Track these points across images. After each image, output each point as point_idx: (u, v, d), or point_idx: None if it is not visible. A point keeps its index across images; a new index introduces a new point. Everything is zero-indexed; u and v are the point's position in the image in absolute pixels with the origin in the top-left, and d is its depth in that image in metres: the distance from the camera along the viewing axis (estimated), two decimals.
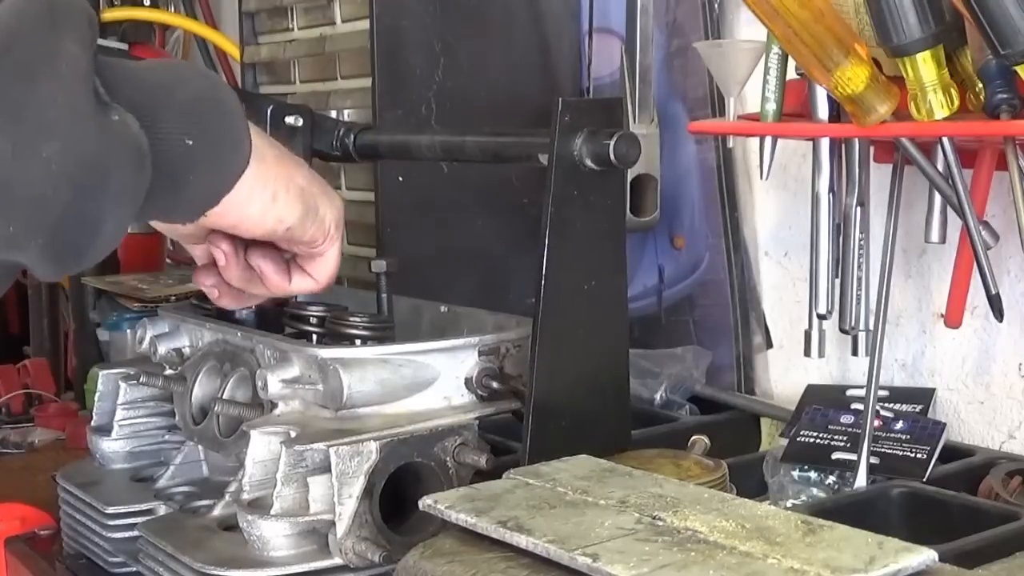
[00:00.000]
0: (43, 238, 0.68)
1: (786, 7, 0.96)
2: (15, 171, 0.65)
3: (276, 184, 0.86)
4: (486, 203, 1.50)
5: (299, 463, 0.96)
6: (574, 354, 1.03)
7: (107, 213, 0.70)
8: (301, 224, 0.89)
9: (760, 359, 1.46)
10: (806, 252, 1.14)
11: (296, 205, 0.88)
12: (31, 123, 0.65)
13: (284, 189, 0.86)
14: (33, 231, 0.67)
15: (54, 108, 0.66)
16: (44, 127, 0.66)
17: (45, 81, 0.66)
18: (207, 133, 0.78)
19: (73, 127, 0.67)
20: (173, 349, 1.20)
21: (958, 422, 1.26)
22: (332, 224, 0.93)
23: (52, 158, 0.66)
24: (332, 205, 0.93)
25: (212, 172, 0.80)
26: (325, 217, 0.92)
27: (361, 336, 1.06)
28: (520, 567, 0.76)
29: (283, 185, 0.86)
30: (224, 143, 0.80)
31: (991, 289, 1.03)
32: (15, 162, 0.65)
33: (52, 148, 0.66)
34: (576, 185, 1.02)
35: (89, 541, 1.16)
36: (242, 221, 0.85)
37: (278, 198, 0.86)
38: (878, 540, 0.72)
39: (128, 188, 0.71)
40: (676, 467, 0.99)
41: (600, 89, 1.55)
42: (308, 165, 0.94)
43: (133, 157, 0.71)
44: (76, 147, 0.67)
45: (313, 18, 1.60)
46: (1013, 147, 0.96)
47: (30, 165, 0.65)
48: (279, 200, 0.86)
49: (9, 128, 0.64)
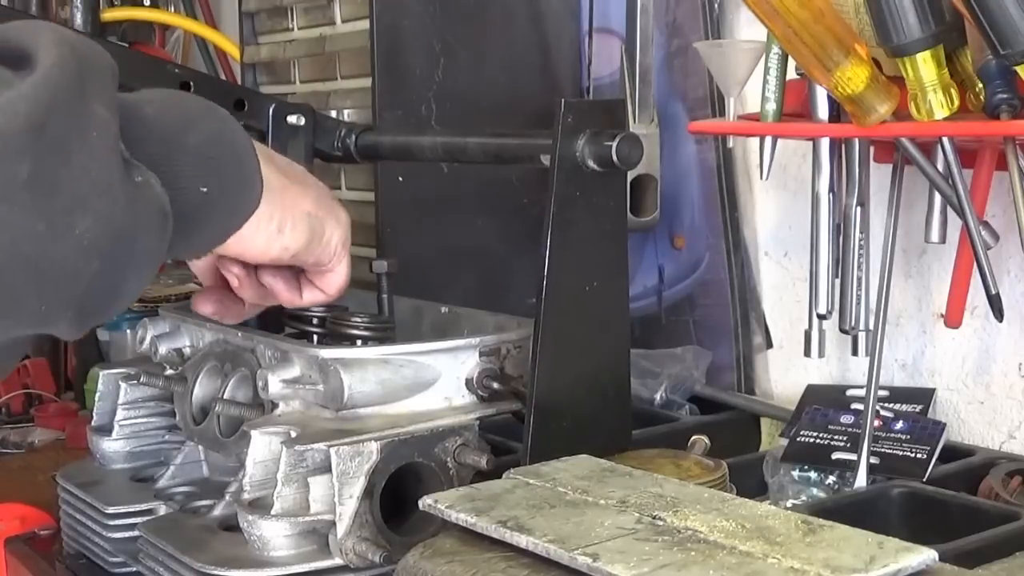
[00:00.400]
0: (72, 311, 0.68)
1: (786, 7, 0.96)
2: (50, 250, 0.64)
3: (283, 216, 0.86)
4: (486, 203, 1.50)
5: (300, 463, 0.96)
6: (575, 355, 1.03)
7: (131, 276, 0.71)
8: (306, 250, 0.90)
9: (760, 359, 1.46)
10: (806, 252, 1.14)
11: (301, 234, 0.89)
12: (64, 199, 0.64)
13: (290, 220, 0.87)
14: (64, 306, 0.67)
15: (87, 182, 0.66)
16: (77, 202, 0.65)
17: (77, 154, 0.65)
18: (221, 178, 0.78)
19: (104, 200, 0.67)
20: (174, 349, 1.20)
21: (958, 422, 1.26)
22: (339, 244, 0.94)
23: (84, 234, 0.65)
24: (339, 225, 0.93)
25: (225, 215, 0.81)
26: (331, 239, 0.93)
27: (362, 336, 1.06)
28: (520, 567, 0.76)
29: (289, 215, 0.87)
30: (237, 186, 0.81)
31: (991, 289, 1.03)
32: (50, 242, 0.64)
33: (84, 223, 0.65)
34: (578, 186, 1.02)
35: (89, 541, 1.16)
36: (246, 251, 0.86)
37: (284, 230, 0.87)
38: (878, 540, 0.72)
39: (153, 251, 0.72)
40: (676, 467, 0.99)
41: (600, 89, 1.55)
42: (314, 177, 0.94)
43: (158, 221, 0.72)
44: (107, 219, 0.67)
45: (313, 18, 1.60)
46: (1013, 147, 0.96)
47: (64, 243, 0.65)
48: (284, 231, 0.87)
49: (44, 206, 0.64)
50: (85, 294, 0.68)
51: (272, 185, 0.84)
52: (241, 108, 1.23)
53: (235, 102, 1.23)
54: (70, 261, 0.65)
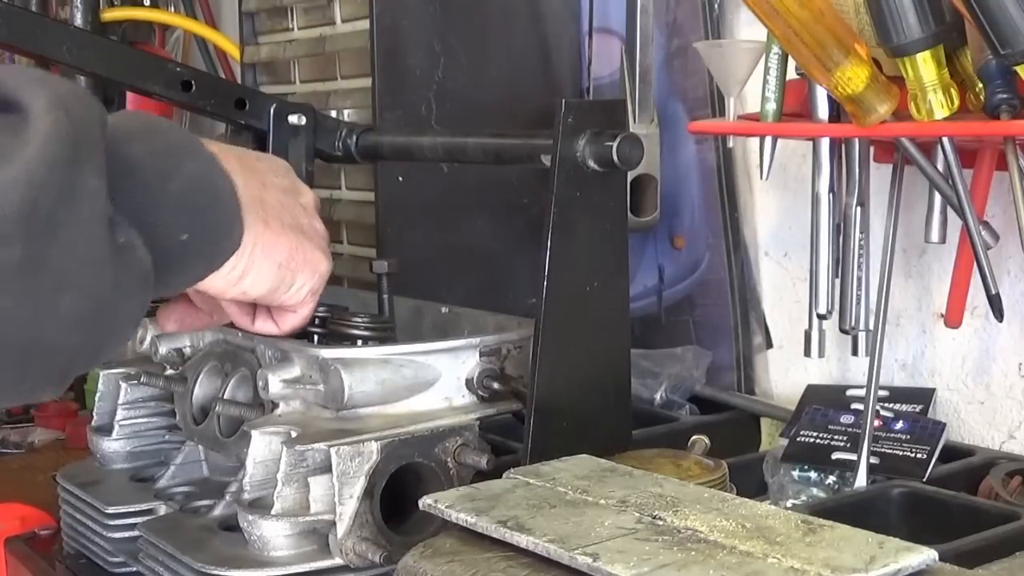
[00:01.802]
0: (54, 383, 0.68)
1: (786, 7, 0.96)
2: (36, 332, 0.64)
3: (248, 265, 0.85)
4: (486, 203, 1.50)
5: (300, 463, 0.96)
6: (576, 355, 1.03)
7: (112, 341, 0.71)
8: (268, 296, 0.89)
9: (760, 359, 1.46)
10: (806, 252, 1.14)
11: (264, 284, 0.87)
12: (51, 279, 0.64)
13: (255, 270, 0.86)
14: (46, 380, 0.68)
15: (74, 258, 0.65)
16: (63, 280, 0.65)
17: (66, 229, 0.64)
18: (202, 226, 0.78)
19: (89, 273, 0.66)
20: (174, 349, 1.20)
21: (958, 422, 1.26)
22: (308, 293, 0.93)
23: (68, 310, 0.65)
24: (312, 276, 0.92)
25: (202, 262, 0.80)
26: (300, 290, 0.92)
27: (362, 336, 1.06)
28: (520, 566, 0.76)
29: (255, 266, 0.85)
30: (216, 234, 0.80)
31: (991, 289, 1.03)
32: (36, 324, 0.64)
33: (69, 299, 0.65)
34: (579, 186, 1.02)
35: (89, 541, 1.16)
36: (206, 288, 0.85)
37: (246, 277, 0.85)
38: (878, 540, 0.72)
39: (134, 316, 0.72)
40: (676, 467, 0.99)
41: (600, 89, 1.55)
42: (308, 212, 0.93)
43: (140, 286, 0.71)
44: (90, 293, 0.66)
45: (313, 18, 1.60)
46: (1013, 147, 0.96)
47: (48, 322, 0.64)
48: (246, 279, 0.85)
49: (32, 288, 0.63)
50: (66, 365, 0.68)
51: (253, 226, 0.83)
52: (242, 107, 1.23)
53: (236, 101, 1.23)
54: (53, 338, 0.65)
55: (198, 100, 1.20)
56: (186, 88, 1.18)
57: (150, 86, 1.17)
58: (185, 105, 1.22)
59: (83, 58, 1.13)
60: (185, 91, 1.18)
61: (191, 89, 1.18)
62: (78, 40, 1.13)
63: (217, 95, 1.22)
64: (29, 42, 1.11)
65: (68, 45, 1.12)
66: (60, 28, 1.14)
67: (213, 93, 1.22)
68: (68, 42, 1.12)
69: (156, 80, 1.17)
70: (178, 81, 1.18)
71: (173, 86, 1.18)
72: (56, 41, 1.11)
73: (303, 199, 0.94)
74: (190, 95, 1.19)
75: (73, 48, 1.12)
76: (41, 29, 1.11)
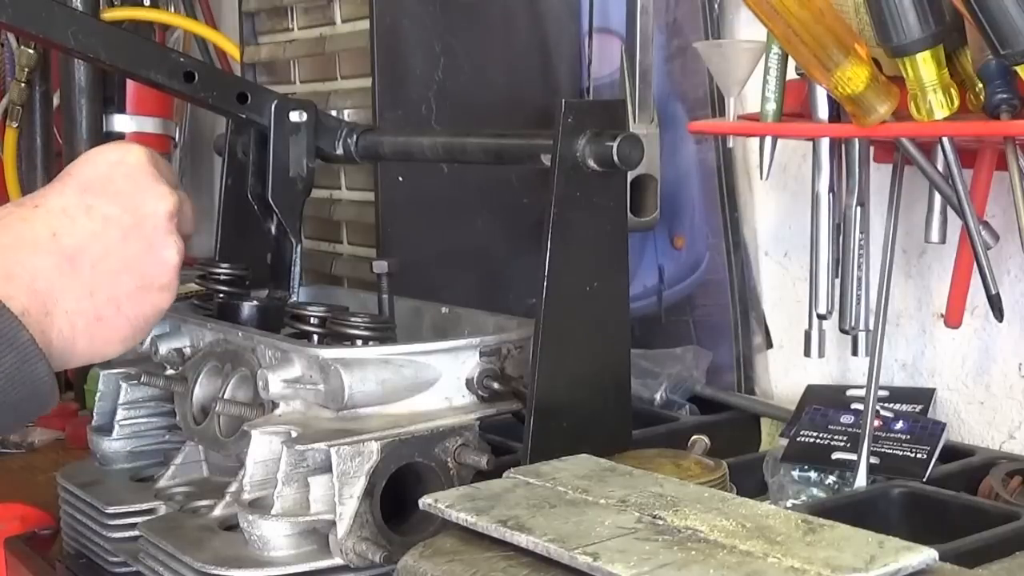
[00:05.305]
0: None
1: (786, 7, 0.96)
2: None
3: (102, 350, 0.89)
4: (486, 203, 1.50)
5: (300, 463, 0.96)
6: (576, 355, 1.03)
7: None
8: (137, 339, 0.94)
9: (760, 359, 1.46)
10: (806, 252, 1.14)
11: (125, 343, 0.91)
12: None
13: (111, 347, 0.90)
14: None
15: None
16: None
17: None
18: (17, 414, 0.81)
19: None
20: (174, 349, 1.20)
21: (958, 422, 1.26)
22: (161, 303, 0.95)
23: None
24: (158, 312, 0.94)
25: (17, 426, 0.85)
26: (158, 309, 0.94)
27: (362, 336, 1.06)
28: (520, 566, 0.76)
29: (106, 347, 0.90)
30: (30, 413, 0.83)
31: (991, 289, 1.03)
32: None
33: None
34: (579, 186, 1.02)
35: (89, 541, 1.16)
36: None
37: (107, 353, 0.90)
38: (879, 539, 0.72)
39: None
40: (676, 467, 0.99)
41: (600, 89, 1.55)
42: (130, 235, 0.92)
43: None
44: None
45: (313, 18, 1.60)
46: (1013, 147, 0.96)
47: None
48: (109, 352, 0.90)
49: None
50: None
51: (77, 345, 0.86)
52: (244, 101, 1.23)
53: (238, 95, 1.23)
54: None
55: (200, 92, 1.19)
56: (188, 79, 1.18)
57: (152, 75, 1.16)
58: (186, 96, 1.22)
59: (88, 43, 1.12)
60: (188, 82, 1.18)
61: (193, 80, 1.18)
62: (83, 25, 1.12)
63: (219, 88, 1.22)
64: (33, 24, 1.10)
65: (73, 29, 1.11)
66: (66, 12, 1.13)
67: (215, 86, 1.21)
68: (73, 26, 1.11)
69: (159, 69, 1.17)
70: (181, 71, 1.18)
71: (176, 76, 1.17)
72: (61, 25, 1.11)
73: (148, 223, 0.92)
74: (192, 86, 1.18)
75: (78, 33, 1.11)
76: (46, 12, 1.10)
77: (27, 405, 0.81)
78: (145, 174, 0.93)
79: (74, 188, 0.90)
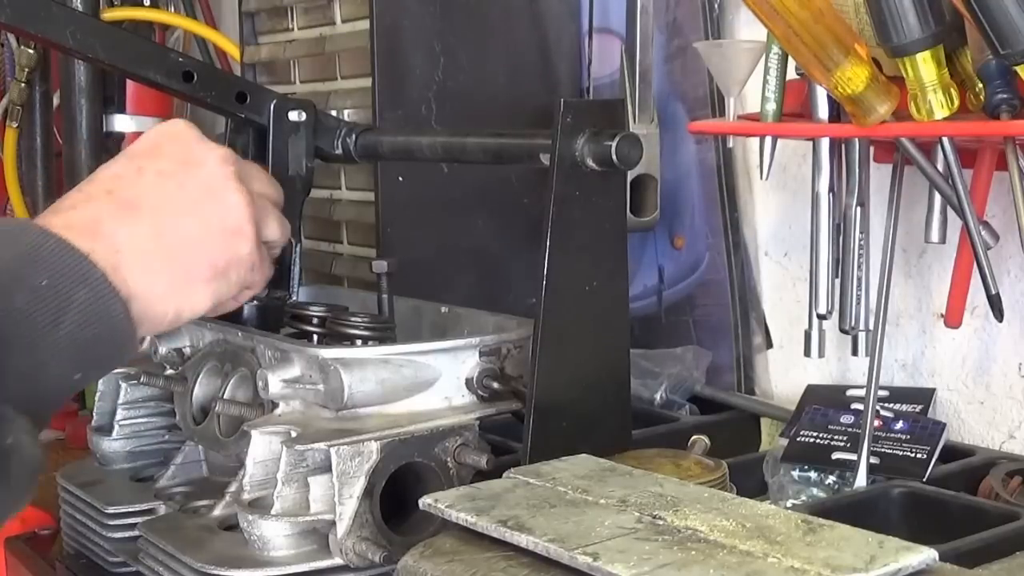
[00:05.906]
0: None
1: (786, 7, 0.96)
2: None
3: (178, 310, 0.84)
4: (486, 203, 1.50)
5: (300, 463, 0.96)
6: (575, 355, 1.03)
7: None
8: (217, 310, 0.90)
9: (760, 359, 1.46)
10: (806, 252, 1.14)
11: (203, 304, 0.87)
12: None
13: (188, 308, 0.85)
14: None
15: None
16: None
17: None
18: (97, 358, 0.77)
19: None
20: (174, 349, 1.20)
21: (958, 422, 1.26)
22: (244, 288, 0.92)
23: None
24: (241, 267, 0.90)
25: (98, 377, 0.82)
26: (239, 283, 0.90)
27: (362, 336, 1.06)
28: (520, 566, 0.76)
29: (186, 304, 0.85)
30: (114, 357, 0.79)
31: (991, 289, 1.03)
32: None
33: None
34: (578, 186, 1.02)
35: (89, 541, 1.16)
36: None
37: (182, 316, 0.85)
38: (879, 539, 0.72)
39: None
40: (676, 467, 0.99)
41: (600, 89, 1.55)
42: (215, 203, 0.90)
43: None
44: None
45: (313, 18, 1.60)
46: (1013, 147, 0.96)
47: None
48: (183, 315, 0.85)
49: None
50: None
51: (156, 287, 0.81)
52: (243, 101, 1.23)
53: (237, 95, 1.23)
54: None
55: (199, 91, 1.19)
56: (187, 79, 1.18)
57: (152, 75, 1.16)
58: (186, 96, 1.22)
59: (87, 43, 1.12)
60: (186, 81, 1.18)
61: (192, 80, 1.18)
62: (83, 24, 1.12)
63: (218, 87, 1.22)
64: (32, 24, 1.10)
65: (72, 29, 1.11)
66: (65, 12, 1.13)
67: (214, 85, 1.21)
68: (72, 26, 1.11)
69: (158, 69, 1.17)
70: (180, 71, 1.18)
71: (174, 76, 1.17)
72: (60, 24, 1.11)
73: (204, 170, 0.89)
74: (191, 86, 1.18)
75: (77, 32, 1.11)
76: (45, 12, 1.10)
77: (105, 348, 0.77)
78: (191, 137, 0.91)
79: (124, 158, 0.88)
